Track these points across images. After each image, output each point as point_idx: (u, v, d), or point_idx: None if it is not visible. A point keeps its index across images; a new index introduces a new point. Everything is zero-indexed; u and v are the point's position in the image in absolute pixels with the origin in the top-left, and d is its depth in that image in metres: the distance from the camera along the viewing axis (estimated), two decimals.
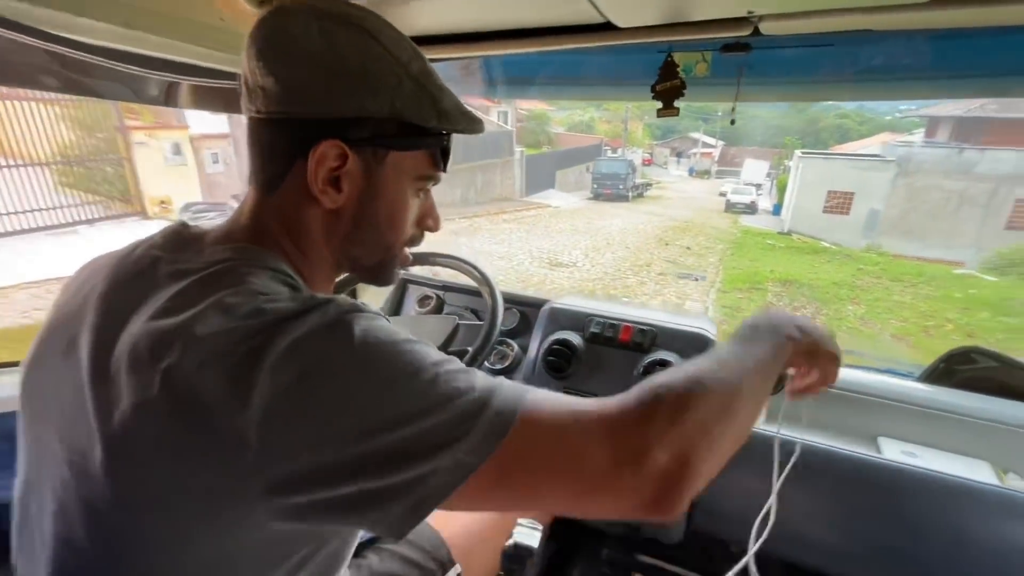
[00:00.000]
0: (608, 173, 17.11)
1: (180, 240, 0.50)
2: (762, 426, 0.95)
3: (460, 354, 0.99)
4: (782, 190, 15.60)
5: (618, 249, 10.03)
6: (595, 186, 17.17)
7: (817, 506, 0.96)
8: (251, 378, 0.37)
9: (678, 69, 1.03)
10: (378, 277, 0.60)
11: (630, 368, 1.03)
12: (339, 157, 0.48)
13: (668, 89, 1.04)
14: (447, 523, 0.81)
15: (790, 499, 0.75)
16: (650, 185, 19.89)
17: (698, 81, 1.09)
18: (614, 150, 23.01)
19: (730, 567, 0.71)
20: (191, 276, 0.44)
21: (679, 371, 0.48)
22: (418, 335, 0.96)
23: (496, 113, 18.56)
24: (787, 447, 0.78)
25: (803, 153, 14.74)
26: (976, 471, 0.92)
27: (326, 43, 0.46)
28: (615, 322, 1.09)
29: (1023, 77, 0.86)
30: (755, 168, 21.38)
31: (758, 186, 18.83)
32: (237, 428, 0.37)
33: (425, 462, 0.37)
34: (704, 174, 26.21)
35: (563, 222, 12.69)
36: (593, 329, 1.09)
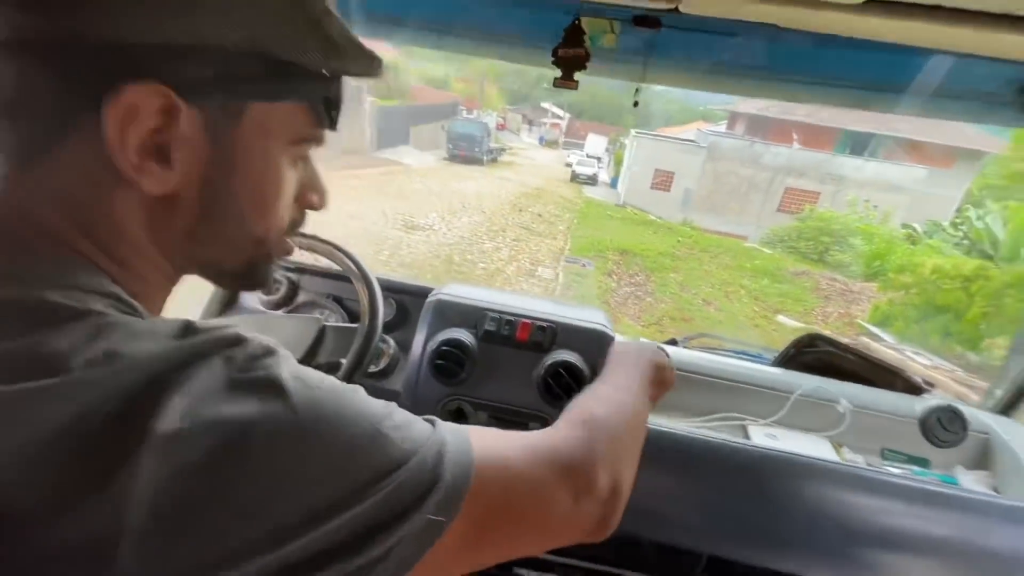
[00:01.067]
0: (464, 134, 16.86)
1: None
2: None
3: (331, 368, 0.79)
4: (619, 164, 17.13)
5: (474, 213, 10.02)
6: (450, 147, 16.81)
7: (687, 490, 1.00)
8: (116, 464, 0.25)
9: (584, 36, 0.92)
10: (246, 283, 0.46)
11: (529, 370, 0.93)
12: (163, 111, 0.30)
13: (571, 57, 0.92)
14: None
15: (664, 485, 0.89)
16: (504, 150, 20.16)
17: (603, 53, 1.00)
18: (469, 111, 22.69)
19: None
20: None
21: (595, 397, 0.56)
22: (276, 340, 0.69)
23: None
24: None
25: (637, 132, 16.26)
26: (819, 448, 1.04)
27: None
28: (511, 318, 0.97)
29: (888, 91, 0.94)
30: (596, 142, 23.03)
31: (599, 159, 20.37)
32: (85, 540, 0.24)
33: (388, 535, 0.31)
34: (553, 144, 27.46)
35: (418, 182, 12.23)
36: (487, 326, 0.96)
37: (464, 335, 0.95)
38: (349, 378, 0.74)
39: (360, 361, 0.75)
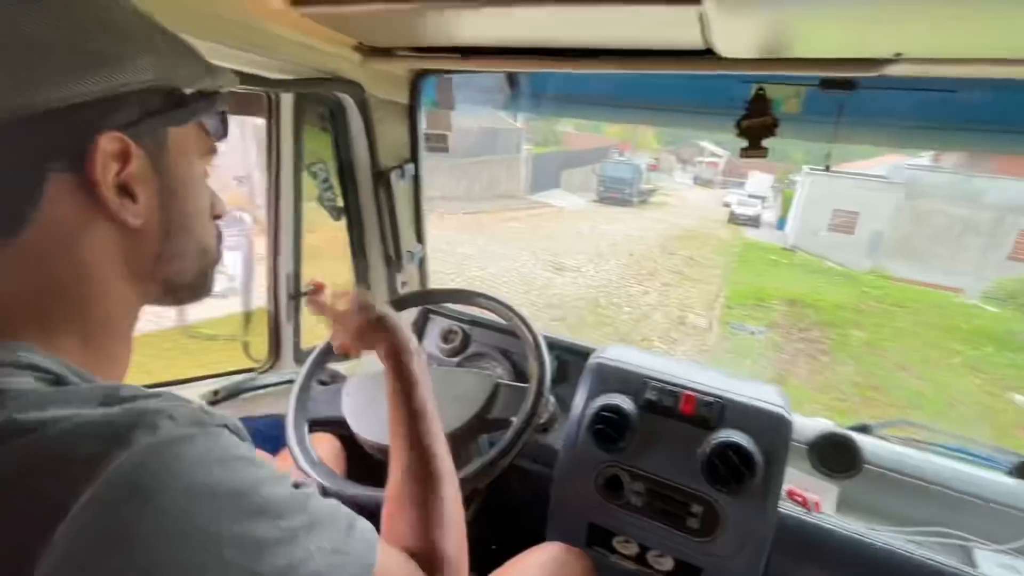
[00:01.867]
0: (615, 176, 16.98)
1: None
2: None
3: (502, 424, 0.86)
4: (787, 204, 15.52)
5: (622, 256, 9.91)
6: (601, 188, 17.04)
7: None
8: (60, 508, 0.26)
9: (770, 105, 0.90)
10: (199, 292, 0.46)
11: (692, 447, 0.89)
12: (120, 155, 0.35)
13: (757, 126, 0.90)
14: None
15: None
16: (655, 191, 19.78)
17: (786, 117, 0.96)
18: (621, 153, 22.84)
19: None
20: None
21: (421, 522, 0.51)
22: (448, 394, 0.78)
23: None
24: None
25: (811, 169, 14.63)
26: None
27: (33, 6, 0.32)
28: (674, 389, 0.95)
29: None
30: (760, 180, 21.27)
31: (763, 199, 18.74)
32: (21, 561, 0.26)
33: None
34: (708, 183, 26.08)
35: (567, 224, 12.57)
36: (649, 395, 0.95)
37: (624, 402, 0.95)
38: (518, 436, 0.80)
39: (528, 423, 0.80)
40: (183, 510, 0.28)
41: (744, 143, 0.93)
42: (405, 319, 1.30)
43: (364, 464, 1.00)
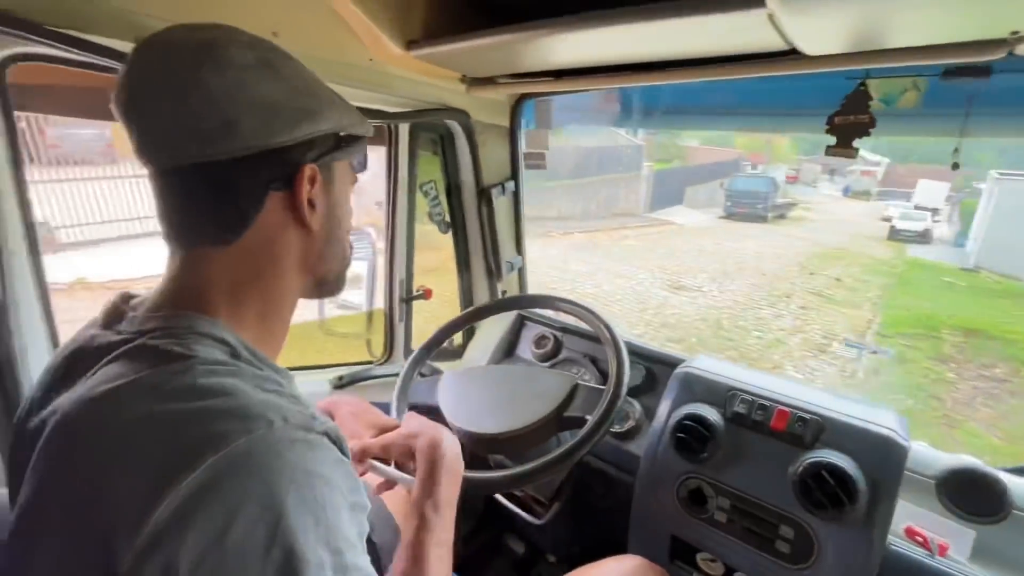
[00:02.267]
0: (745, 191, 15.76)
1: (114, 312, 0.49)
2: None
3: (576, 422, 0.89)
4: (968, 217, 13.01)
5: (751, 275, 9.13)
6: (729, 204, 15.90)
7: None
8: (161, 491, 0.34)
9: (870, 101, 0.83)
10: (337, 287, 0.59)
11: (784, 465, 0.84)
12: (312, 179, 0.49)
13: (850, 125, 0.84)
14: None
15: None
16: (794, 205, 17.90)
17: (902, 113, 0.88)
18: (754, 166, 21.15)
19: None
20: (113, 351, 0.43)
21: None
22: (530, 390, 0.85)
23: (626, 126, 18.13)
24: None
25: (1000, 174, 12.14)
26: None
27: (270, 70, 0.46)
28: (766, 403, 0.90)
29: None
30: (931, 190, 18.11)
31: (934, 211, 15.93)
32: (127, 532, 0.34)
33: None
34: (864, 195, 22.89)
35: (689, 242, 11.94)
36: (737, 408, 0.92)
37: (710, 412, 0.93)
38: (592, 434, 0.82)
39: (603, 421, 0.83)
40: (269, 496, 0.35)
41: (832, 140, 0.86)
42: (501, 327, 1.40)
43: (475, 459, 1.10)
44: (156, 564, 0.33)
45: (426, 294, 1.39)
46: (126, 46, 0.75)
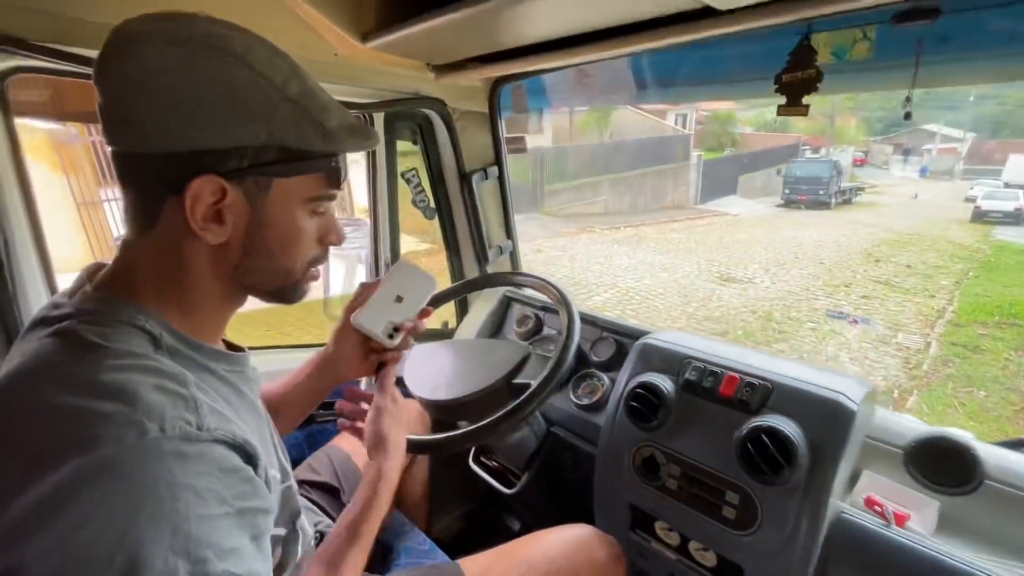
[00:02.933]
0: (804, 176, 14.85)
1: (78, 282, 0.51)
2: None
3: (521, 388, 0.92)
4: None
5: (809, 264, 8.61)
6: (787, 191, 15.05)
7: None
8: (21, 486, 0.36)
9: (815, 56, 0.80)
10: (282, 298, 0.57)
11: (730, 431, 0.82)
12: (217, 191, 0.46)
13: (798, 82, 0.81)
14: None
15: None
16: (861, 189, 16.68)
17: (854, 66, 0.84)
18: (815, 150, 19.89)
19: None
20: (51, 327, 0.45)
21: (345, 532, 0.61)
22: (485, 360, 0.90)
23: (674, 116, 17.60)
24: None
25: None
26: None
27: (185, 72, 0.43)
28: (716, 370, 0.89)
29: None
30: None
31: None
32: None
33: None
34: (944, 175, 20.94)
35: (742, 232, 11.42)
36: (689, 375, 0.91)
37: (663, 381, 0.93)
38: (536, 395, 0.84)
39: (544, 386, 0.85)
40: (122, 508, 0.36)
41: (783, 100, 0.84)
42: (488, 308, 1.44)
43: (440, 427, 1.15)
44: (8, 549, 0.35)
45: None
46: None
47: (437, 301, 1.21)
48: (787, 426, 0.77)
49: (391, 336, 0.73)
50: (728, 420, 0.84)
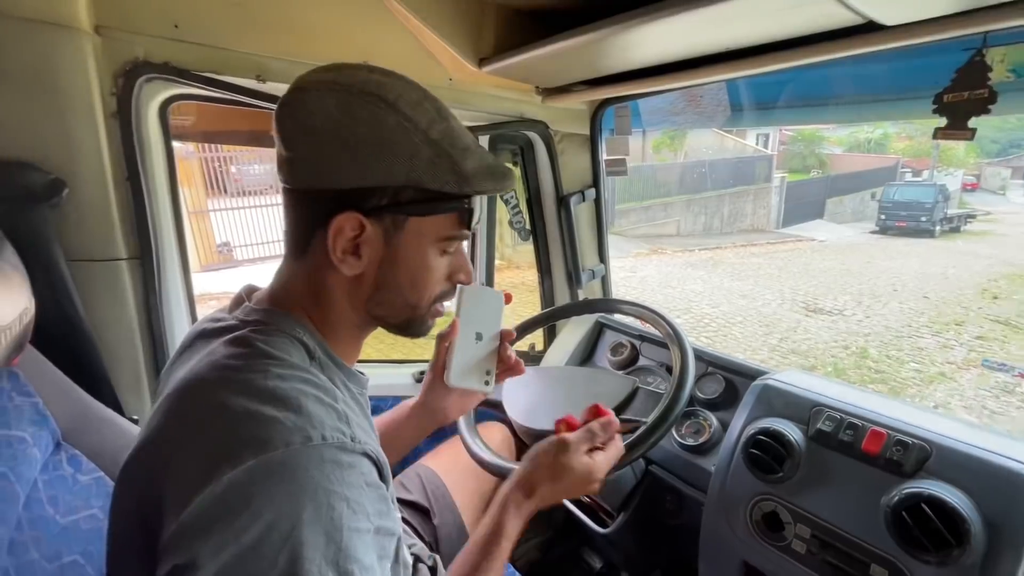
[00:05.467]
0: (904, 201, 13.61)
1: (237, 300, 0.57)
2: None
3: (631, 425, 0.86)
4: None
5: (910, 298, 7.82)
6: (882, 217, 13.84)
7: None
8: (201, 486, 0.39)
9: (989, 74, 0.70)
10: (407, 332, 0.59)
11: (876, 494, 0.72)
12: (357, 227, 0.49)
13: (964, 102, 0.72)
14: None
15: None
16: (972, 217, 15.02)
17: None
18: (916, 173, 18.19)
19: None
20: (225, 335, 0.50)
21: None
22: (590, 391, 0.86)
23: (755, 136, 16.84)
24: None
25: None
26: None
27: (341, 117, 0.47)
28: (857, 422, 0.79)
29: None
30: None
31: None
32: (171, 513, 0.40)
33: None
34: None
35: (830, 259, 10.61)
36: (821, 425, 0.81)
37: (790, 428, 0.84)
38: (647, 437, 0.79)
39: (658, 425, 0.79)
40: (287, 507, 0.39)
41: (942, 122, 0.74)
42: (579, 333, 1.40)
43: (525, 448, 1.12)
44: (187, 542, 0.38)
45: (506, 298, 1.44)
46: (249, 82, 0.92)
47: (537, 324, 1.19)
48: (954, 497, 0.66)
49: (487, 383, 0.74)
50: (874, 481, 0.74)
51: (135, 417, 0.81)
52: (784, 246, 11.80)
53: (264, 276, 0.60)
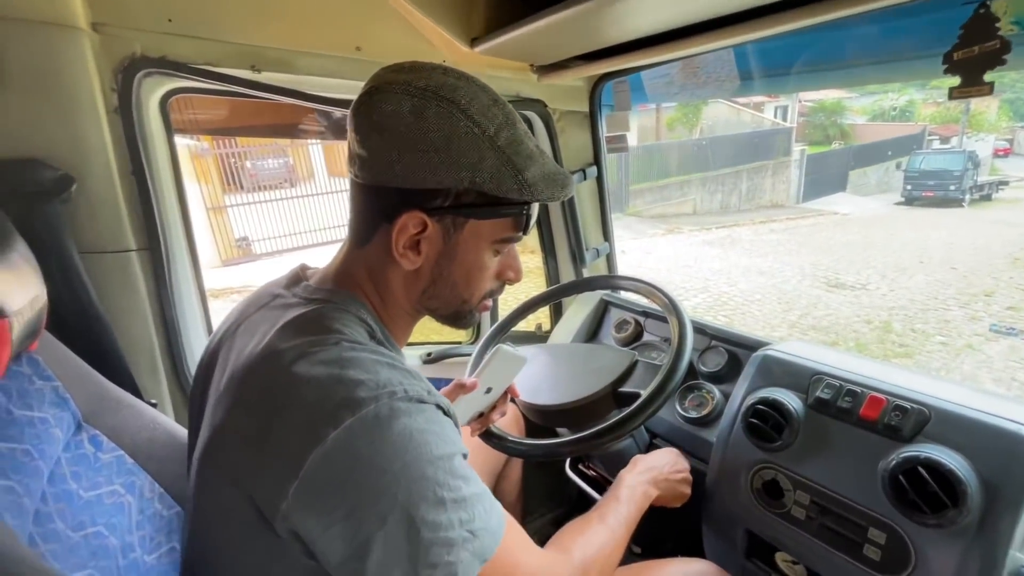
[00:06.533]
0: (931, 170, 13.10)
1: (295, 278, 0.60)
2: None
3: (631, 397, 0.88)
4: None
5: (937, 270, 7.59)
6: (908, 187, 13.35)
7: None
8: (308, 450, 0.43)
9: (997, 24, 0.68)
10: (454, 323, 0.62)
11: (874, 459, 0.73)
12: (419, 224, 0.52)
13: (976, 58, 0.69)
14: None
15: None
16: (1005, 184, 14.39)
17: None
18: (944, 140, 17.47)
19: None
20: (292, 311, 0.52)
21: (595, 543, 0.68)
22: (590, 367, 0.89)
23: (773, 108, 16.36)
24: None
25: None
26: None
27: (414, 119, 0.49)
28: (856, 389, 0.79)
29: None
30: None
31: None
32: (281, 481, 0.44)
33: (421, 567, 0.44)
34: None
35: (853, 233, 10.34)
36: (820, 393, 0.81)
37: (789, 397, 0.84)
38: (645, 407, 0.80)
39: (656, 395, 0.80)
40: (391, 452, 0.44)
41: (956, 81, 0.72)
42: (584, 312, 1.41)
43: (534, 428, 1.14)
44: (306, 504, 0.43)
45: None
46: (246, 73, 0.94)
47: (539, 304, 1.20)
48: (952, 459, 0.66)
49: (467, 422, 0.84)
50: (872, 447, 0.74)
51: (153, 401, 0.85)
52: (805, 221, 11.51)
53: (284, 270, 0.64)
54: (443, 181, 0.51)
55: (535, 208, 0.58)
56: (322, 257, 0.62)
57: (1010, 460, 0.64)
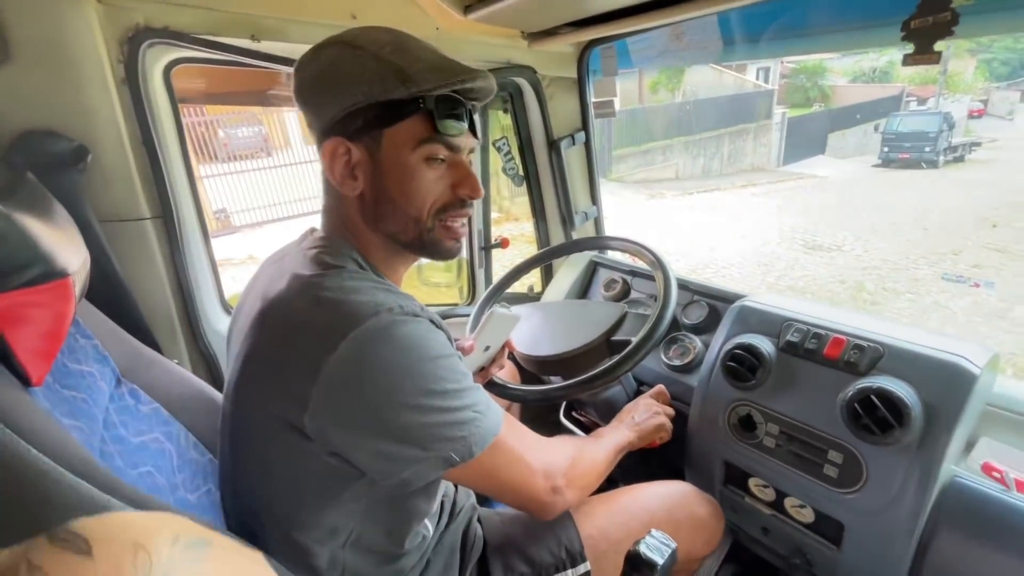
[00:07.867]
0: (908, 132, 13.26)
1: (304, 236, 0.68)
2: None
3: (623, 344, 0.96)
4: None
5: (910, 231, 7.84)
6: (885, 149, 13.52)
7: None
8: (323, 357, 0.50)
9: None
10: (425, 252, 0.65)
11: (835, 392, 0.83)
12: (345, 151, 0.59)
13: (930, 27, 0.76)
14: (585, 520, 0.82)
15: None
16: (977, 145, 14.69)
17: (995, 5, 0.77)
18: (921, 101, 17.64)
19: None
20: (299, 258, 0.61)
21: (592, 444, 0.83)
22: (584, 319, 0.99)
23: (755, 70, 16.25)
24: None
25: None
26: None
27: (315, 65, 0.58)
28: (821, 331, 0.88)
29: None
30: None
31: None
32: (303, 385, 0.51)
33: (423, 450, 0.54)
34: None
35: (831, 195, 10.54)
36: (790, 337, 0.91)
37: (762, 342, 0.93)
38: (636, 351, 0.88)
39: (646, 340, 0.88)
40: (392, 361, 0.52)
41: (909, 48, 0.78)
42: (574, 273, 1.48)
43: (530, 379, 1.23)
44: (327, 400, 0.50)
45: (503, 243, 1.52)
46: (246, 43, 0.96)
47: (531, 266, 1.27)
48: (899, 388, 0.76)
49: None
50: (833, 381, 0.84)
51: (175, 360, 0.91)
52: (785, 184, 11.66)
53: (265, 241, 0.70)
54: (345, 104, 0.56)
55: (441, 104, 0.57)
56: (305, 228, 0.70)
57: (948, 387, 0.74)
